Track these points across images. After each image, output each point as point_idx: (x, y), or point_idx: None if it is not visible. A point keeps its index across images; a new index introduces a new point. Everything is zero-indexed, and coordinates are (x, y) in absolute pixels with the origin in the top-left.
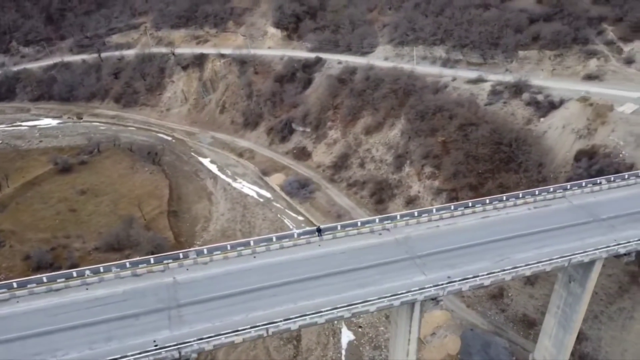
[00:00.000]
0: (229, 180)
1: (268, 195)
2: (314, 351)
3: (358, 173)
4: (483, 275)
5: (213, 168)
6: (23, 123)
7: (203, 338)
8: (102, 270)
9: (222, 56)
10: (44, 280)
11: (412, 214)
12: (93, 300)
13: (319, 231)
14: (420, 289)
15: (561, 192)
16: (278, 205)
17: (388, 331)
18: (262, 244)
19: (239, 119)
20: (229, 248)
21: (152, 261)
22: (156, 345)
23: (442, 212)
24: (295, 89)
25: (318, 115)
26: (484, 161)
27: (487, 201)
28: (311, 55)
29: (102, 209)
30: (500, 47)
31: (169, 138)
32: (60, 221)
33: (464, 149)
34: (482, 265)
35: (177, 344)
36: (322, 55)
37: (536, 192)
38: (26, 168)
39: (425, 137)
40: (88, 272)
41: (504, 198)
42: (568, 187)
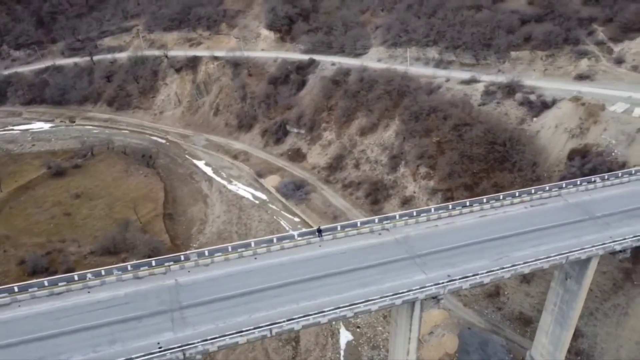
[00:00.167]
0: (224, 182)
1: (264, 197)
2: (313, 352)
3: (353, 174)
4: (483, 273)
5: (208, 170)
6: (15, 127)
7: (207, 339)
8: (104, 273)
9: (216, 58)
10: (45, 284)
11: (411, 214)
12: (95, 303)
13: (319, 232)
14: (421, 288)
15: (557, 191)
16: (274, 207)
17: (386, 331)
18: (263, 245)
19: (233, 121)
20: (230, 250)
21: (154, 263)
22: (160, 347)
23: (441, 212)
24: (289, 91)
25: (312, 116)
26: (479, 161)
27: (485, 200)
28: (305, 57)
29: (97, 213)
30: (492, 48)
31: (163, 141)
32: (54, 225)
33: (459, 149)
34: (482, 263)
35: (182, 346)
36: (316, 57)
37: (532, 191)
38: (19, 172)
39: (419, 138)
40: (90, 275)
41: (501, 197)
42: (563, 186)
